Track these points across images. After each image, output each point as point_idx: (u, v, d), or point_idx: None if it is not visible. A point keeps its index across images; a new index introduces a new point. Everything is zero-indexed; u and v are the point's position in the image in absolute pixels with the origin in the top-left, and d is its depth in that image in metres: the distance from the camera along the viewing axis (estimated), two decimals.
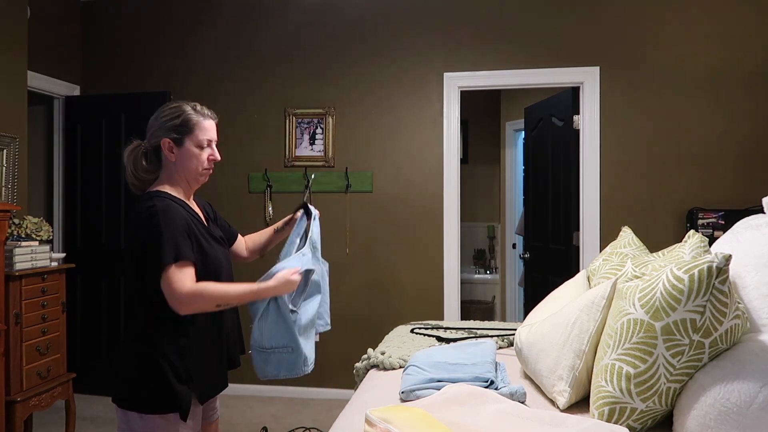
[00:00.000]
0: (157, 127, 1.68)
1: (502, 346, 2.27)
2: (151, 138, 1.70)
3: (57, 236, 4.06)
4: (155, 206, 1.60)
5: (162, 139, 1.67)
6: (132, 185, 1.77)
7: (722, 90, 3.47)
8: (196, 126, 1.69)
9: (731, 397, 1.16)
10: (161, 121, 1.68)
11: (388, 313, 3.78)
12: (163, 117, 1.69)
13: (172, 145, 1.67)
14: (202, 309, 1.59)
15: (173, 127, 1.67)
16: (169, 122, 1.67)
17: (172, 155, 1.68)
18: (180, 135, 1.67)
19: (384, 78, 3.83)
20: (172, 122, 1.67)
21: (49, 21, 3.87)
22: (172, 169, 1.70)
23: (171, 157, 1.68)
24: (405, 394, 1.61)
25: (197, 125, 1.69)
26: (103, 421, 3.49)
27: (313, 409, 3.66)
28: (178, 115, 1.68)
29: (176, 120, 1.67)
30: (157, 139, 1.68)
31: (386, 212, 3.83)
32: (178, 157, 1.68)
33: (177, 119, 1.67)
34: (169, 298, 1.54)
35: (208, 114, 1.73)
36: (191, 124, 1.68)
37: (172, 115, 1.68)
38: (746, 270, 1.49)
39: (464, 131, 5.54)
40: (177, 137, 1.67)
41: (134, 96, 3.96)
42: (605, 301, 1.50)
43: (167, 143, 1.67)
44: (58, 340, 2.98)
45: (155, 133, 1.69)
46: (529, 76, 3.66)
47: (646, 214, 3.53)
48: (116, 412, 1.63)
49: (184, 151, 1.68)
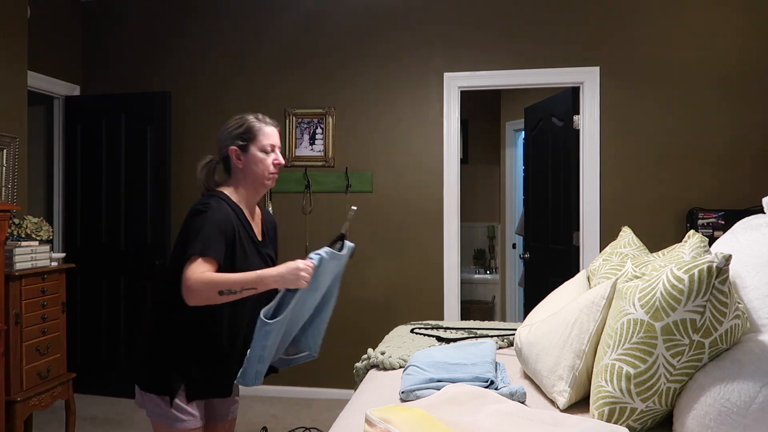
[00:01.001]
0: (225, 137, 1.82)
1: (502, 346, 2.27)
2: (220, 149, 1.84)
3: (57, 236, 4.06)
4: (209, 204, 1.71)
5: (229, 148, 1.81)
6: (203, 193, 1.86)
7: (723, 90, 3.47)
8: (259, 132, 1.82)
9: (731, 397, 1.16)
10: (227, 132, 1.82)
11: (388, 313, 3.78)
12: (228, 128, 1.83)
13: (238, 152, 1.80)
14: (208, 298, 1.60)
15: (238, 135, 1.80)
16: (234, 131, 1.81)
17: (239, 162, 1.81)
18: (245, 142, 1.80)
19: (384, 78, 3.83)
20: (236, 131, 1.81)
21: (49, 21, 3.87)
22: (240, 176, 1.82)
23: (239, 163, 1.81)
24: (405, 394, 1.61)
25: (260, 131, 1.82)
26: (103, 421, 3.49)
27: (313, 409, 3.66)
28: (242, 123, 1.82)
29: (240, 128, 1.81)
30: (225, 149, 1.81)
31: (386, 212, 3.83)
32: (245, 163, 1.81)
33: (241, 127, 1.81)
34: (182, 287, 1.60)
35: (269, 121, 1.88)
36: (254, 131, 1.81)
37: (237, 124, 1.83)
38: (746, 270, 1.49)
39: (464, 131, 5.53)
40: (242, 144, 1.80)
41: (134, 96, 3.96)
42: (605, 301, 1.50)
43: (234, 151, 1.80)
44: (58, 340, 2.98)
45: (223, 143, 1.82)
46: (529, 76, 3.66)
47: (646, 214, 3.53)
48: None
49: (250, 157, 1.80)
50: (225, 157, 1.83)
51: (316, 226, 3.90)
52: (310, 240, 3.89)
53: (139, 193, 3.91)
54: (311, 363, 4.11)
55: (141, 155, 3.91)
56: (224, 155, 1.83)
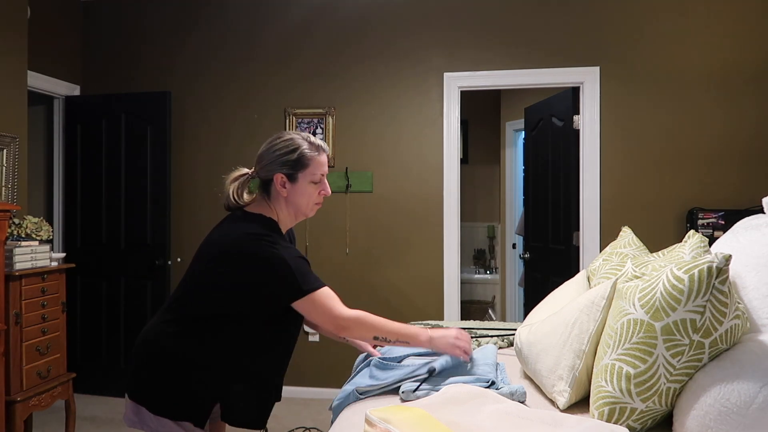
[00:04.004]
0: (271, 160, 1.64)
1: (502, 346, 2.27)
2: (262, 171, 1.66)
3: (57, 236, 4.06)
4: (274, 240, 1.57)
5: (275, 174, 1.64)
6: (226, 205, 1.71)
7: (722, 90, 3.47)
8: (312, 161, 1.65)
9: (731, 397, 1.16)
10: (276, 155, 1.64)
11: (388, 313, 3.77)
12: (277, 150, 1.64)
13: (285, 180, 1.64)
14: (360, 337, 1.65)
15: (288, 162, 1.63)
16: (284, 157, 1.63)
17: (284, 190, 1.65)
18: (294, 171, 1.64)
19: (384, 78, 3.83)
20: (287, 157, 1.63)
21: (49, 21, 3.87)
22: (282, 203, 1.67)
23: (283, 192, 1.65)
24: (405, 393, 1.61)
25: (313, 161, 1.65)
26: (103, 421, 3.49)
27: (313, 409, 3.66)
28: (294, 149, 1.64)
29: (291, 155, 1.63)
30: (269, 174, 1.64)
31: (386, 212, 3.83)
32: (290, 192, 1.65)
33: (293, 154, 1.63)
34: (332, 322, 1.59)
35: (323, 148, 1.69)
36: (306, 160, 1.64)
37: (288, 149, 1.64)
38: (746, 270, 1.49)
39: (464, 131, 5.54)
40: (291, 173, 1.64)
41: (134, 96, 3.96)
42: (605, 301, 1.50)
43: (280, 178, 1.64)
44: (58, 340, 2.98)
45: (268, 167, 1.65)
46: (529, 76, 3.66)
47: (646, 214, 3.53)
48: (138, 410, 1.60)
49: (297, 188, 1.65)
50: (268, 180, 1.66)
51: (316, 226, 3.90)
52: (310, 240, 3.89)
53: (139, 193, 3.91)
54: (311, 363, 4.12)
55: (141, 155, 3.91)
56: (267, 179, 1.66)
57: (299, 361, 3.93)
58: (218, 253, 1.59)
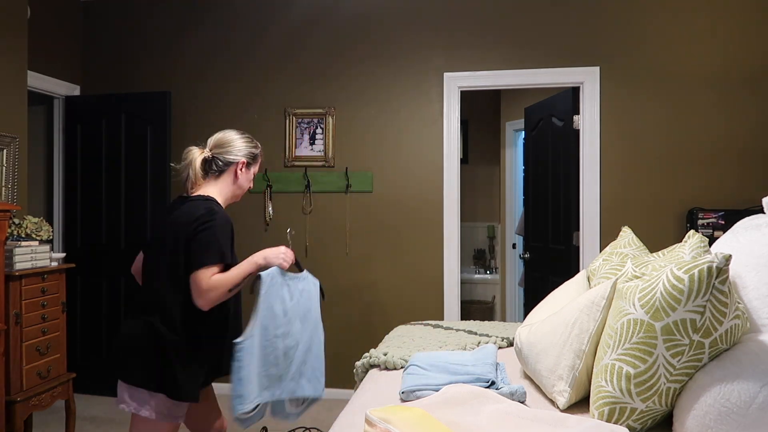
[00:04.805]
0: (239, 147, 2.00)
1: (502, 346, 2.27)
2: (227, 153, 1.97)
3: (57, 236, 4.06)
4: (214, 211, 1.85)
5: (240, 159, 1.99)
6: (185, 184, 1.99)
7: (722, 90, 3.47)
8: (260, 157, 2.09)
9: (731, 397, 1.16)
10: (244, 144, 2.01)
11: (387, 313, 3.79)
12: (245, 141, 2.03)
13: (243, 166, 2.00)
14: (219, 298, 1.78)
15: (250, 153, 2.02)
16: (251, 148, 2.03)
17: (240, 173, 2.00)
18: (251, 161, 2.03)
19: (384, 78, 3.83)
20: (251, 150, 2.03)
21: (49, 21, 3.87)
22: (227, 184, 2.00)
23: (240, 176, 2.00)
24: (405, 394, 1.61)
25: (260, 157, 2.09)
26: (103, 421, 3.49)
27: (313, 409, 3.64)
28: (256, 146, 2.07)
29: (255, 150, 2.05)
30: (235, 157, 1.98)
31: (386, 212, 3.83)
32: (241, 177, 2.01)
33: (255, 149, 2.05)
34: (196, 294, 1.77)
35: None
36: (258, 156, 2.08)
37: (253, 144, 2.05)
38: (746, 270, 1.49)
39: (464, 131, 5.54)
40: (249, 162, 2.02)
41: (134, 96, 3.96)
42: (605, 301, 1.50)
43: (242, 164, 2.00)
44: (58, 340, 2.98)
45: (233, 151, 1.98)
46: (529, 76, 3.66)
47: (646, 214, 3.53)
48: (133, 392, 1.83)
49: (247, 174, 2.03)
50: (228, 162, 1.97)
51: (316, 226, 3.90)
52: (310, 240, 3.90)
53: (139, 194, 3.91)
54: None
55: (141, 155, 3.91)
56: (229, 161, 1.97)
57: None
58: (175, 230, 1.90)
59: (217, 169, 1.97)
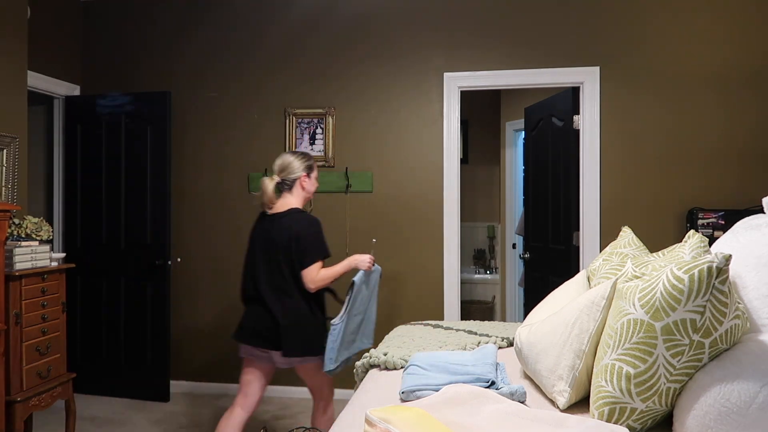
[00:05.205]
0: (296, 166, 2.63)
1: (502, 346, 2.27)
2: (289, 173, 2.63)
3: (57, 236, 4.06)
4: (308, 218, 2.60)
5: (301, 175, 2.63)
6: (265, 204, 2.65)
7: (722, 90, 3.47)
8: (314, 165, 2.72)
9: (731, 397, 1.16)
10: (299, 162, 2.64)
11: (387, 313, 3.78)
12: (299, 159, 2.65)
13: (305, 177, 2.64)
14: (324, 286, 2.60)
15: (306, 167, 2.65)
16: (305, 163, 2.65)
17: (304, 183, 2.64)
18: (309, 171, 2.66)
19: (384, 78, 3.83)
20: (305, 164, 2.65)
21: (49, 21, 3.87)
22: (299, 193, 2.65)
23: (305, 185, 2.65)
24: (405, 394, 1.61)
25: (314, 164, 2.71)
26: (103, 421, 3.49)
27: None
28: (309, 158, 2.69)
29: (308, 162, 2.67)
30: (296, 174, 2.62)
31: (386, 212, 3.83)
32: (307, 184, 2.66)
33: (308, 161, 2.67)
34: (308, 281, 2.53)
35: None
36: (313, 164, 2.71)
37: (306, 158, 2.67)
38: (746, 270, 1.49)
39: (464, 131, 5.54)
40: (308, 173, 2.66)
41: (134, 96, 3.96)
42: (605, 301, 1.50)
43: (303, 176, 2.64)
44: (58, 340, 2.98)
45: (293, 170, 2.62)
46: (529, 76, 3.66)
47: (646, 214, 3.53)
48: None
49: (310, 181, 2.68)
50: (293, 180, 2.62)
51: None
52: None
53: (139, 193, 3.91)
54: None
55: (141, 155, 3.91)
56: (294, 179, 2.62)
57: None
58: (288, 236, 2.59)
59: (288, 186, 2.63)
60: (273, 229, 2.57)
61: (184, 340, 4.04)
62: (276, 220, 2.58)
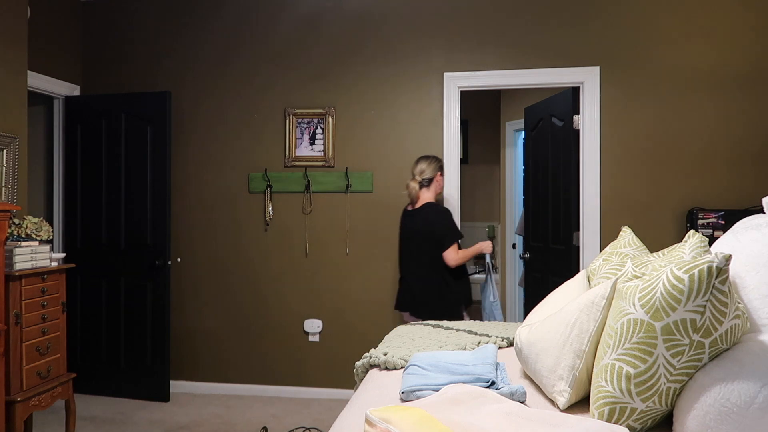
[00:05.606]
0: (431, 168, 3.33)
1: (502, 346, 2.27)
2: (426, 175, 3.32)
3: (57, 236, 4.06)
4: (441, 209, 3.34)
5: (435, 174, 3.35)
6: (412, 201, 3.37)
7: (722, 90, 3.47)
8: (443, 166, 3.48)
9: (731, 397, 1.16)
10: (432, 166, 3.34)
11: (388, 313, 3.78)
12: (431, 163, 3.35)
13: (438, 176, 3.37)
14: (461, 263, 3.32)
15: (437, 168, 3.37)
16: (436, 164, 3.36)
17: (437, 181, 3.37)
18: (440, 170, 3.40)
19: (384, 78, 3.84)
20: (436, 165, 3.37)
21: (49, 21, 3.87)
22: (434, 190, 3.36)
23: (440, 182, 3.40)
24: (405, 394, 1.61)
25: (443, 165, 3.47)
26: (103, 421, 3.49)
27: (313, 409, 3.66)
28: (438, 160, 3.41)
29: (438, 163, 3.39)
30: (431, 175, 3.33)
31: (386, 212, 3.83)
32: (440, 182, 3.40)
33: (438, 162, 3.39)
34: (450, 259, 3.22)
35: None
36: (442, 164, 3.46)
37: (436, 161, 3.38)
38: (746, 270, 1.49)
39: (464, 131, 5.54)
40: (440, 173, 3.40)
41: (134, 96, 3.96)
42: (605, 301, 1.50)
43: (438, 175, 3.36)
44: (58, 340, 2.98)
45: (429, 172, 3.33)
46: (529, 76, 3.67)
47: (646, 214, 3.53)
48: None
49: (441, 179, 3.43)
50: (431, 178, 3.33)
51: (317, 226, 3.90)
52: (311, 240, 3.90)
53: (139, 193, 3.91)
54: (311, 363, 4.12)
55: (141, 155, 3.91)
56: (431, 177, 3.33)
57: (299, 361, 3.93)
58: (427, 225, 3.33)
59: (426, 185, 3.32)
60: (414, 222, 3.31)
61: (184, 340, 4.04)
62: (415, 214, 3.31)
